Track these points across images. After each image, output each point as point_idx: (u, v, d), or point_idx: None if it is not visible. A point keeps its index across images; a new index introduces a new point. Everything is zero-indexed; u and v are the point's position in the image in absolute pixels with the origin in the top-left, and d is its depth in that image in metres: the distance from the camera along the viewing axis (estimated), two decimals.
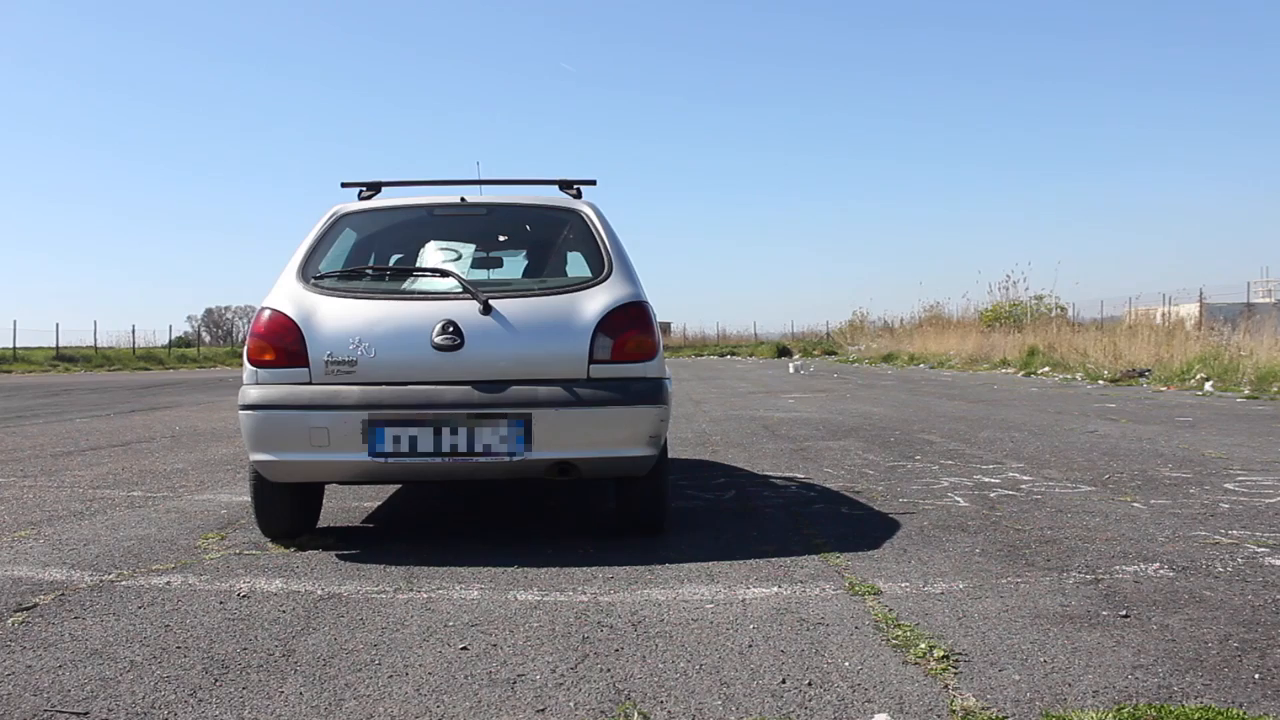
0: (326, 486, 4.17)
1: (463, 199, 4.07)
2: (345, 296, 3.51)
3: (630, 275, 3.64)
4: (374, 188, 4.25)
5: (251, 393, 3.36)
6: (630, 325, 3.46)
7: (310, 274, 3.62)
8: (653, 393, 3.42)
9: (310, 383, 3.35)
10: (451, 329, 3.35)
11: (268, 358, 3.38)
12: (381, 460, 3.28)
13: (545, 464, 3.32)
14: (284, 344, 3.37)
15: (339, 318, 3.41)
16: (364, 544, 3.71)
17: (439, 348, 3.34)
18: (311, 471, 3.41)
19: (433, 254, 3.91)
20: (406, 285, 3.71)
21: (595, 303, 3.47)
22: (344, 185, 4.32)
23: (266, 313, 3.45)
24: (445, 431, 3.29)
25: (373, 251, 4.22)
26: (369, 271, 3.97)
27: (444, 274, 3.65)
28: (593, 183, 4.33)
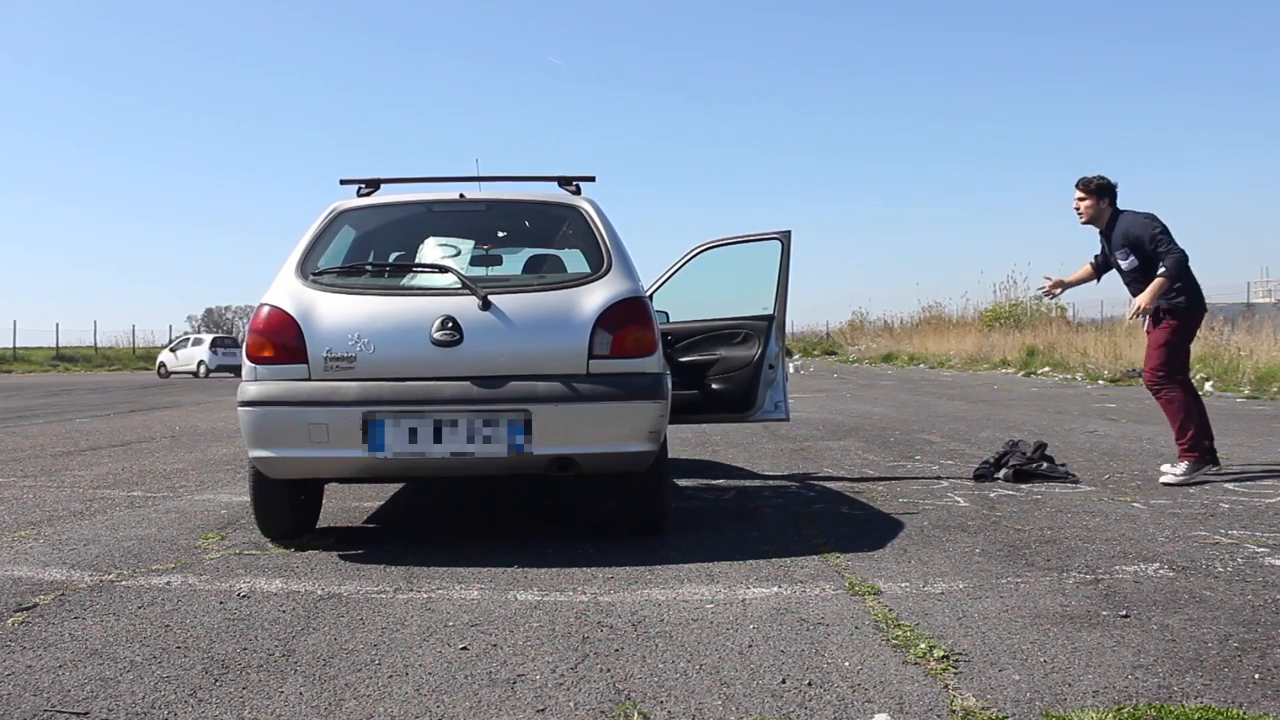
0: (326, 487, 4.17)
1: (462, 195, 4.06)
2: (344, 293, 3.51)
3: (630, 271, 3.64)
4: (373, 184, 4.24)
5: (250, 389, 3.36)
6: (630, 321, 3.46)
7: (309, 270, 3.61)
8: (652, 388, 3.42)
9: (309, 379, 3.34)
10: (450, 325, 3.35)
11: (266, 354, 3.38)
12: (380, 456, 3.28)
13: (545, 460, 3.32)
14: (283, 340, 3.37)
15: (338, 314, 3.41)
16: (364, 544, 3.71)
17: (438, 343, 3.34)
18: (311, 468, 3.41)
19: (432, 250, 3.91)
20: (405, 281, 3.71)
21: (594, 298, 3.47)
22: (343, 182, 4.32)
23: (265, 309, 3.45)
24: (444, 427, 3.29)
25: (372, 248, 4.21)
26: (368, 268, 3.97)
27: (443, 270, 3.64)
28: (592, 179, 4.33)
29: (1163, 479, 4.88)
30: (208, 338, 31.55)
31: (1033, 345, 19.76)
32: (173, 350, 31.42)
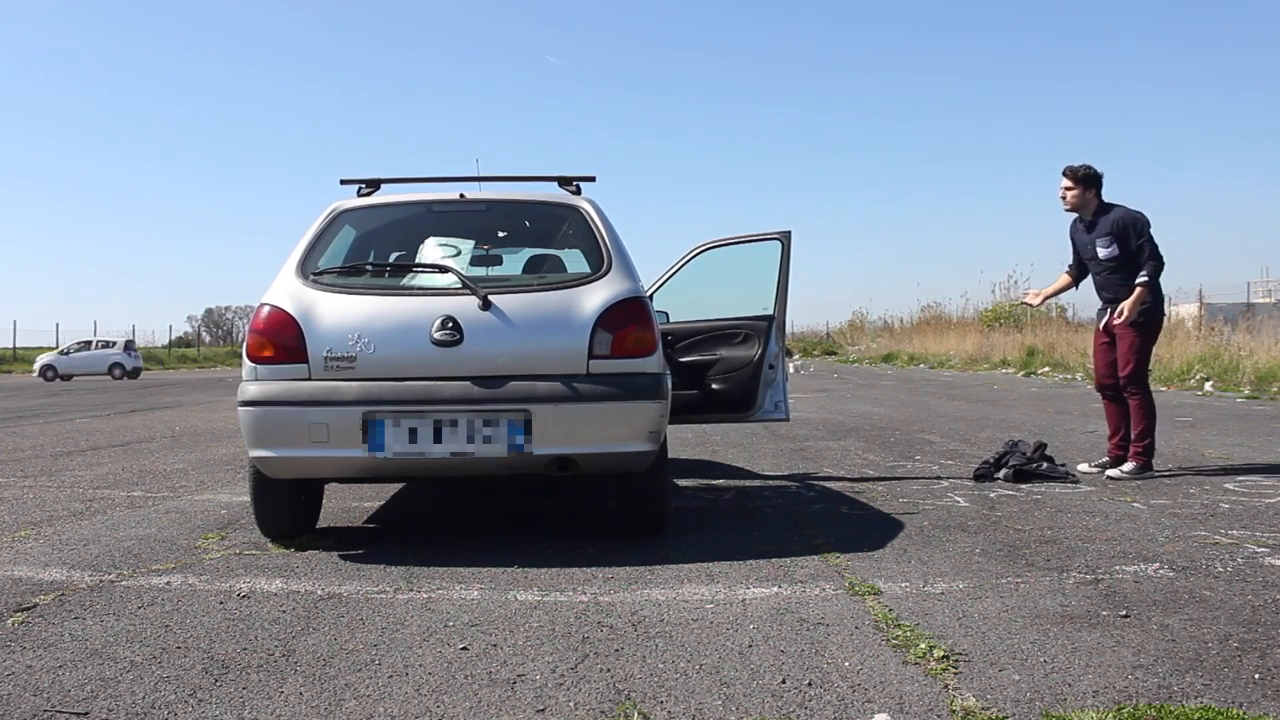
0: (326, 487, 4.17)
1: (462, 195, 4.07)
2: (344, 293, 3.51)
3: (630, 271, 3.64)
4: (373, 184, 4.25)
5: (251, 389, 3.36)
6: (630, 320, 3.46)
7: (309, 270, 3.61)
8: (653, 388, 3.42)
9: (309, 379, 3.34)
10: (451, 325, 3.35)
11: (267, 354, 3.38)
12: (380, 456, 3.28)
13: (545, 460, 3.32)
14: (283, 340, 3.37)
15: (338, 314, 3.41)
16: (364, 544, 3.71)
17: (438, 343, 3.34)
18: (311, 468, 3.41)
19: (432, 250, 3.91)
20: (406, 281, 3.72)
21: (595, 298, 3.47)
22: (343, 182, 4.32)
23: (266, 309, 3.45)
24: (444, 427, 3.29)
25: (372, 248, 4.21)
26: (368, 267, 3.97)
27: (443, 270, 3.65)
28: (592, 179, 4.33)
29: (1108, 473, 5.17)
30: (120, 340, 30.83)
31: (1033, 345, 19.76)
32: (64, 353, 29.98)
